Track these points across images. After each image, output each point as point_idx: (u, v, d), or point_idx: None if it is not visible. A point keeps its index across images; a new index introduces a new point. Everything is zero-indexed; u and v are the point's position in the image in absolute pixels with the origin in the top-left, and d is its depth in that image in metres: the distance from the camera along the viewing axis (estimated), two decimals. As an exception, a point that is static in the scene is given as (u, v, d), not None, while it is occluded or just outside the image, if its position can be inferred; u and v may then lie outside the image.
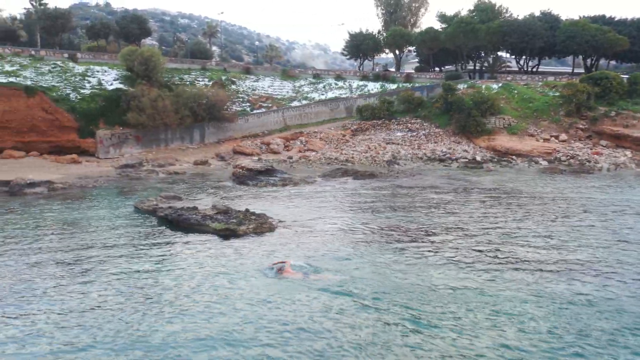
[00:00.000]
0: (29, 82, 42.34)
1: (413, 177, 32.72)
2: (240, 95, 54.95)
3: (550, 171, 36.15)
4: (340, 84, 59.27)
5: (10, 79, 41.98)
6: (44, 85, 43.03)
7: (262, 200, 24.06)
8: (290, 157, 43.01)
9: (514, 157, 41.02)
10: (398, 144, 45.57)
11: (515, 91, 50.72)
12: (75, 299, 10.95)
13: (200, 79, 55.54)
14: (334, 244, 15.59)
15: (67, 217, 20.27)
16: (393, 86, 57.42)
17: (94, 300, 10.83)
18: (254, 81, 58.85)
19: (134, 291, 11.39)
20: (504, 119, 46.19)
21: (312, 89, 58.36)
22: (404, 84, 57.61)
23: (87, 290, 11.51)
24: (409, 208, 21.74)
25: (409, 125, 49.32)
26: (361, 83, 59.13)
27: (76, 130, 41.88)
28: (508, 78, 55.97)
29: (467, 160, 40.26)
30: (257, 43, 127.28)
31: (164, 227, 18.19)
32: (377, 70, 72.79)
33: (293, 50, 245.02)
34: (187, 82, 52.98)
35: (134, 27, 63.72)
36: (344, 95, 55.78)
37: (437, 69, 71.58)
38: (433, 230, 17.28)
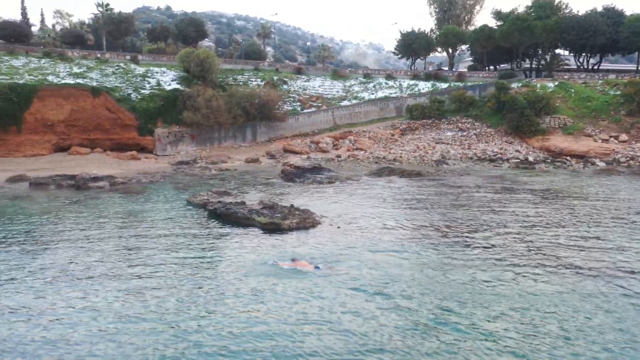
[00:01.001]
0: (94, 83, 45.09)
1: (461, 177, 32.44)
2: (291, 95, 56.02)
3: (607, 173, 34.81)
4: (391, 83, 59.23)
5: (78, 80, 44.89)
6: (108, 85, 45.67)
7: (308, 196, 24.72)
8: (339, 156, 43.54)
9: (568, 158, 39.72)
10: (448, 143, 45.14)
11: (572, 90, 48.98)
12: (133, 280, 11.97)
13: (253, 79, 57.04)
14: (373, 239, 15.98)
15: (126, 209, 21.74)
16: (444, 85, 56.81)
17: (148, 283, 11.81)
18: (305, 81, 59.80)
19: (182, 276, 12.28)
20: (559, 118, 44.78)
21: (362, 88, 58.66)
22: (456, 83, 56.87)
23: (142, 272, 12.54)
24: (453, 207, 21.74)
25: (460, 124, 48.72)
26: (412, 82, 58.87)
27: (136, 129, 44.22)
28: (565, 76, 54.04)
29: (518, 160, 39.36)
30: (308, 43, 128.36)
31: (213, 220, 19.18)
32: (430, 69, 72.09)
33: (346, 50, 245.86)
34: (240, 83, 54.60)
35: (191, 29, 66.22)
36: (393, 95, 55.75)
37: (491, 67, 70.01)
38: (476, 230, 17.31)
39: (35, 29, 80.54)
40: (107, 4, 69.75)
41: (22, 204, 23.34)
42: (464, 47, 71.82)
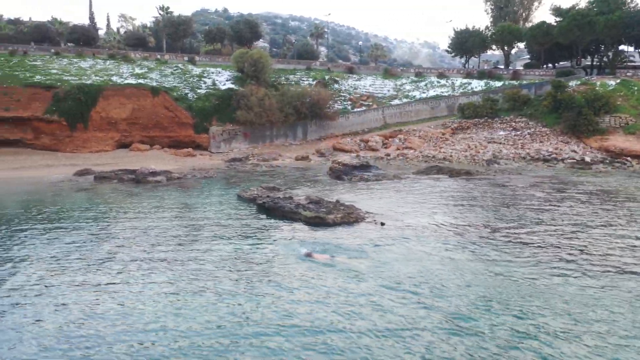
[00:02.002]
0: (154, 83, 47.45)
1: (512, 177, 31.87)
2: (342, 94, 56.59)
3: (671, 174, 33.17)
4: (443, 82, 58.62)
5: (140, 81, 47.38)
6: (167, 85, 47.92)
7: (354, 193, 25.18)
8: (388, 155, 43.71)
9: (629, 158, 38.08)
10: (500, 143, 44.29)
11: (636, 88, 46.78)
12: (186, 266, 12.89)
13: (305, 79, 58.01)
14: (415, 236, 16.20)
15: (181, 201, 23.02)
16: (498, 84, 55.66)
17: (204, 266, 12.69)
18: (356, 80, 60.19)
19: (230, 266, 13.08)
20: (620, 117, 42.95)
21: (413, 87, 58.40)
22: (510, 82, 55.59)
23: (194, 256, 13.46)
24: (501, 206, 21.55)
25: (513, 124, 47.64)
26: (465, 81, 58.04)
27: (192, 127, 46.21)
28: (628, 74, 51.65)
29: (574, 160, 38.12)
30: (360, 43, 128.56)
31: (261, 214, 20.01)
32: (485, 67, 70.65)
33: (400, 49, 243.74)
34: (292, 82, 55.71)
35: (246, 31, 68.15)
36: (445, 94, 55.19)
37: (549, 65, 67.80)
38: (524, 229, 17.16)
39: (102, 32, 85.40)
40: (167, 8, 72.97)
41: (88, 195, 25.17)
42: (520, 45, 69.92)
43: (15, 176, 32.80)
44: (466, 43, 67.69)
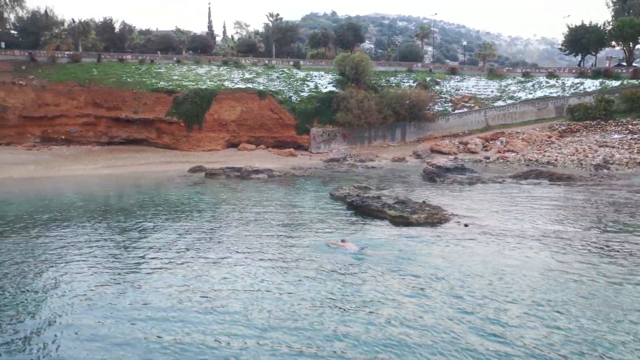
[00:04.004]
0: (261, 87, 50.75)
1: (621, 184, 29.89)
2: (443, 96, 56.08)
3: None
4: (552, 82, 55.66)
5: (248, 85, 50.96)
6: (273, 89, 50.99)
7: (444, 195, 25.46)
8: (487, 157, 42.76)
9: None
10: (613, 147, 41.30)
11: None
12: (278, 255, 14.53)
13: (406, 81, 58.28)
14: (498, 241, 16.12)
15: (276, 197, 25.05)
16: (615, 83, 51.70)
17: (290, 258, 14.23)
18: (458, 81, 59.23)
19: (316, 252, 14.47)
20: None
21: (519, 88, 56.17)
22: (630, 81, 51.33)
23: (285, 243, 15.05)
24: (603, 214, 20.53)
25: (630, 126, 44.11)
26: (577, 81, 54.61)
27: (295, 128, 48.77)
28: None
29: (700, 168, 34.64)
30: (464, 44, 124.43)
31: (349, 212, 21.24)
32: (607, 65, 65.61)
33: (514, 47, 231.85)
34: (393, 84, 56.28)
35: (349, 34, 69.82)
36: (554, 94, 52.46)
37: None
38: (618, 243, 16.44)
39: (219, 38, 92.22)
40: (277, 14, 77.04)
41: (200, 189, 28.18)
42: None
43: (141, 170, 37.26)
44: (581, 40, 63.42)
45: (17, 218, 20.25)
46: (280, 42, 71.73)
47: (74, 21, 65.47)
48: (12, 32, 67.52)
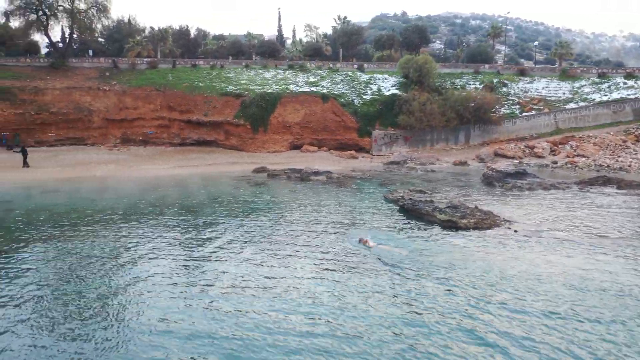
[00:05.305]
0: (325, 91, 51.86)
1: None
2: (510, 98, 54.59)
3: None
4: (631, 83, 52.64)
5: (312, 88, 52.25)
6: (336, 92, 51.95)
7: (500, 200, 25.22)
8: (555, 162, 41.35)
9: None
10: (696, 152, 38.66)
11: None
12: (325, 251, 15.42)
13: (472, 83, 57.22)
14: (549, 249, 16.05)
15: (331, 198, 25.93)
16: (703, 84, 48.14)
17: (339, 255, 15.08)
18: (527, 83, 57.37)
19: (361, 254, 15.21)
20: None
21: (593, 89, 53.58)
22: None
23: (333, 238, 15.92)
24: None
25: None
26: (659, 81, 51.37)
27: (356, 130, 49.44)
28: None
29: None
30: (535, 43, 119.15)
31: (400, 214, 21.71)
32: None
33: (597, 44, 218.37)
34: (458, 86, 55.46)
35: (415, 36, 69.52)
36: (631, 96, 49.60)
37: None
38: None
39: (289, 42, 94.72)
40: (345, 17, 77.98)
41: (262, 189, 29.64)
42: None
43: (208, 171, 39.42)
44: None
45: (101, 212, 22.48)
46: (345, 45, 72.61)
47: (153, 29, 69.89)
48: (100, 39, 73.18)
